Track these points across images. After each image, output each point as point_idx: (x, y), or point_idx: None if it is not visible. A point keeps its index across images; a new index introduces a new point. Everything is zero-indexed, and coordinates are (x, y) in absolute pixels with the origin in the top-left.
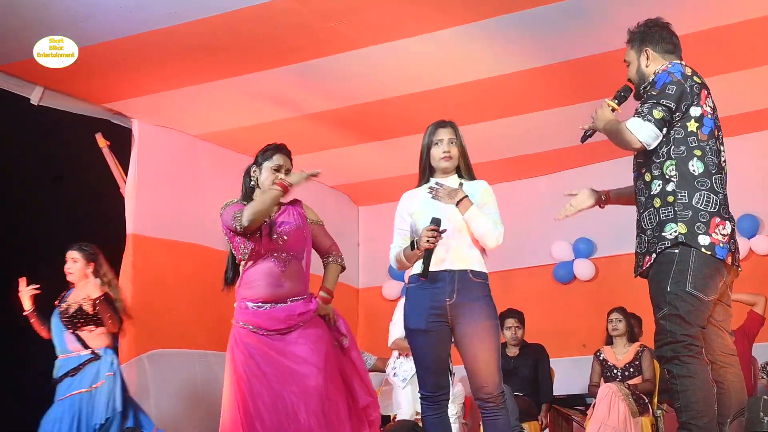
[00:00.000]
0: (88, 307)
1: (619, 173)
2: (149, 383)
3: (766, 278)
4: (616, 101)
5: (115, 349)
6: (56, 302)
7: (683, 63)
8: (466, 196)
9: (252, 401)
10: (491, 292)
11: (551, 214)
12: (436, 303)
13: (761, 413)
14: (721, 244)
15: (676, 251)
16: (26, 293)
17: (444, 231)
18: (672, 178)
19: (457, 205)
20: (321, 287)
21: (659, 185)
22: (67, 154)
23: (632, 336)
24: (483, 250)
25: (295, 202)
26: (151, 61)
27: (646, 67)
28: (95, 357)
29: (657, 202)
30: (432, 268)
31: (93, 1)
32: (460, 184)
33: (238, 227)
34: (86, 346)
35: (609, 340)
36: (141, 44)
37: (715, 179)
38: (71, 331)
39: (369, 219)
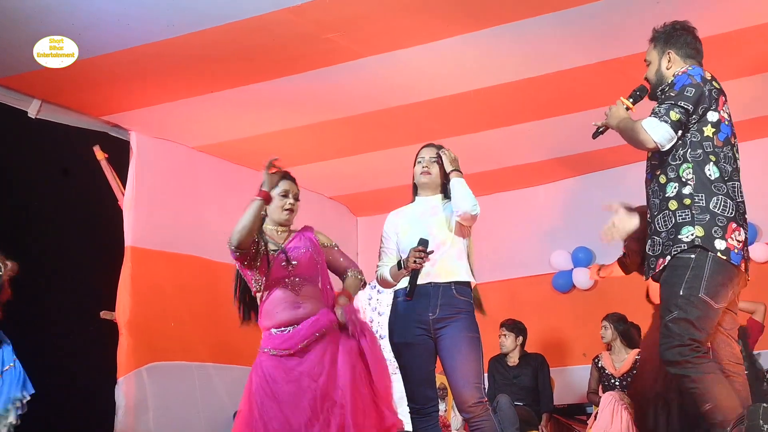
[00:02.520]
0: None
1: (619, 182)
2: (148, 396)
3: (764, 286)
4: (631, 100)
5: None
6: None
7: (703, 68)
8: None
9: (263, 426)
10: (474, 309)
11: (550, 224)
12: (420, 317)
13: (761, 421)
14: (736, 250)
15: (692, 255)
16: None
17: (431, 252)
18: (689, 182)
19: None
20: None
21: (675, 188)
22: (65, 167)
23: (630, 342)
24: (468, 258)
25: (305, 229)
26: (148, 74)
27: (667, 69)
28: None
29: (673, 205)
30: (418, 282)
31: (91, 13)
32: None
33: (231, 248)
34: None
35: (608, 347)
36: (139, 56)
37: (729, 186)
38: None
39: (367, 229)
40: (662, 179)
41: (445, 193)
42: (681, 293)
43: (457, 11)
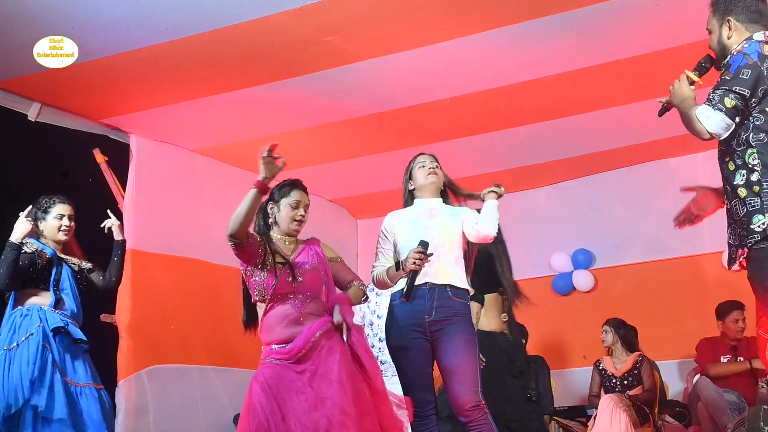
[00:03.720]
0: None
1: (620, 184)
2: (148, 399)
3: None
4: (697, 73)
5: None
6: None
7: (764, 39)
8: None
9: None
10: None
11: (550, 226)
12: (416, 320)
13: (761, 423)
14: None
15: (767, 245)
16: None
17: (431, 255)
18: (756, 167)
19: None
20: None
21: (744, 175)
22: (65, 170)
23: (630, 346)
24: (464, 268)
25: (312, 241)
26: (148, 77)
27: (728, 38)
28: None
29: (742, 192)
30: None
31: (90, 17)
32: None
33: (228, 240)
34: None
35: (609, 350)
36: (138, 60)
37: None
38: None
39: (367, 232)
40: (731, 166)
41: (444, 198)
42: (765, 284)
43: (457, 14)
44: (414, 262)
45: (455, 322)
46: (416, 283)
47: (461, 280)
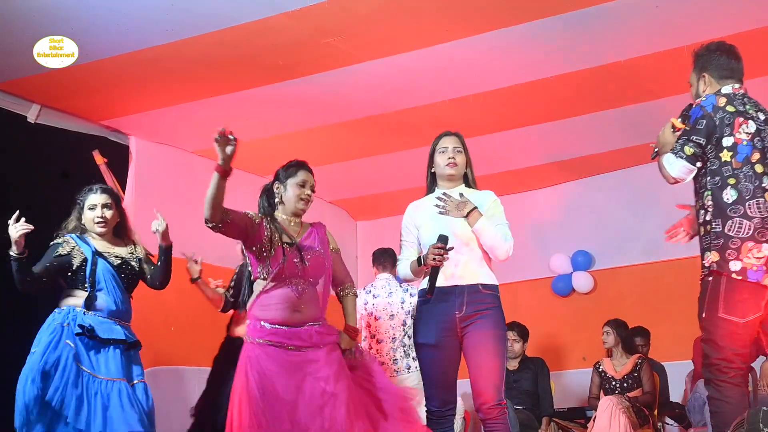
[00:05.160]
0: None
1: (619, 186)
2: None
3: None
4: (681, 120)
5: None
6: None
7: (722, 92)
8: (475, 208)
9: (267, 423)
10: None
11: (549, 227)
12: (446, 317)
13: (761, 424)
14: (755, 268)
15: (710, 279)
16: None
17: (451, 248)
18: (709, 208)
19: (466, 217)
20: (345, 327)
21: (703, 215)
22: (64, 172)
23: (629, 348)
24: (490, 261)
25: (319, 226)
26: (147, 79)
27: (703, 92)
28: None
29: (702, 231)
30: (442, 284)
31: (90, 18)
32: (461, 194)
33: (206, 224)
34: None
35: (609, 352)
36: (137, 61)
37: (749, 204)
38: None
39: (367, 234)
40: (697, 206)
41: (467, 183)
42: (703, 315)
43: (456, 16)
44: (434, 258)
45: (486, 315)
46: (443, 285)
47: (490, 277)
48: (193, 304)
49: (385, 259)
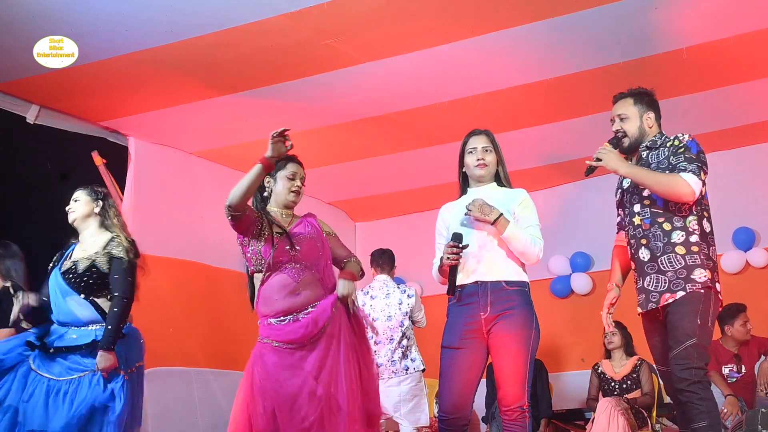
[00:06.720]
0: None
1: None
2: (146, 402)
3: (763, 291)
4: (611, 146)
5: None
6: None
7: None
8: (501, 215)
9: (271, 415)
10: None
11: (548, 229)
12: (471, 319)
13: (759, 426)
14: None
15: (702, 291)
16: None
17: (466, 246)
18: (695, 232)
19: (493, 224)
20: (341, 273)
21: (682, 236)
22: (63, 173)
23: (629, 349)
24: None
25: (309, 215)
26: (146, 80)
27: (649, 128)
28: None
29: (681, 250)
30: (462, 281)
31: (89, 19)
32: (482, 203)
33: (227, 212)
34: None
35: (607, 354)
36: (137, 62)
37: (712, 239)
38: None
39: (366, 235)
40: (666, 226)
41: (499, 182)
42: (699, 322)
43: (455, 18)
44: (448, 257)
45: (512, 314)
46: (465, 282)
47: (517, 273)
48: (193, 305)
49: (383, 260)
